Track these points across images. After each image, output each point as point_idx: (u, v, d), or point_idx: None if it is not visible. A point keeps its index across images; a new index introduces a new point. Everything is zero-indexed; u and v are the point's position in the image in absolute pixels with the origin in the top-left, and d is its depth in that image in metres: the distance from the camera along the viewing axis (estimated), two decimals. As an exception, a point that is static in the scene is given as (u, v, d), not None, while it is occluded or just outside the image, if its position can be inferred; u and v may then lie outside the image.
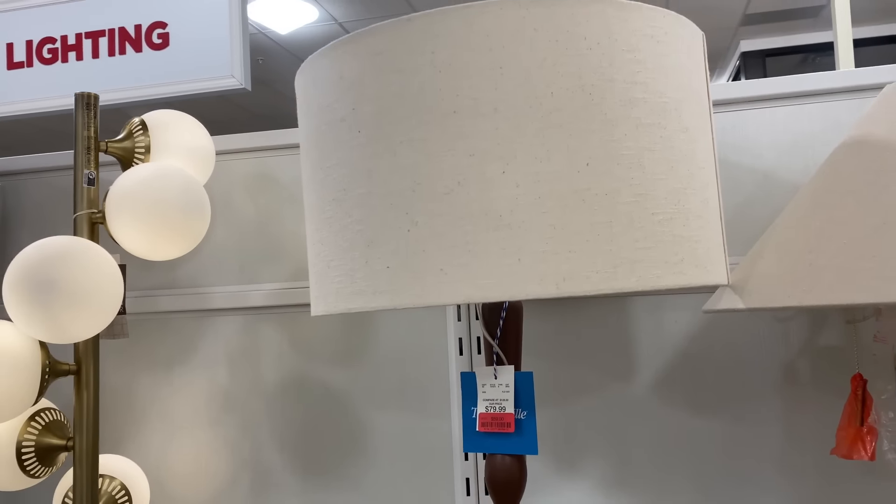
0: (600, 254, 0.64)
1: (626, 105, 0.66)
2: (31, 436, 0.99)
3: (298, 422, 1.19)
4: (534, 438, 0.81)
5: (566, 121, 0.64)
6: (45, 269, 0.85)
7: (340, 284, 0.71)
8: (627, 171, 0.65)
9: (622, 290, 0.64)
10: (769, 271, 0.73)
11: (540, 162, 0.64)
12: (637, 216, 0.65)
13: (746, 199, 1.05)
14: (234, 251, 1.23)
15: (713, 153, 0.76)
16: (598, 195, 0.64)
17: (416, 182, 0.65)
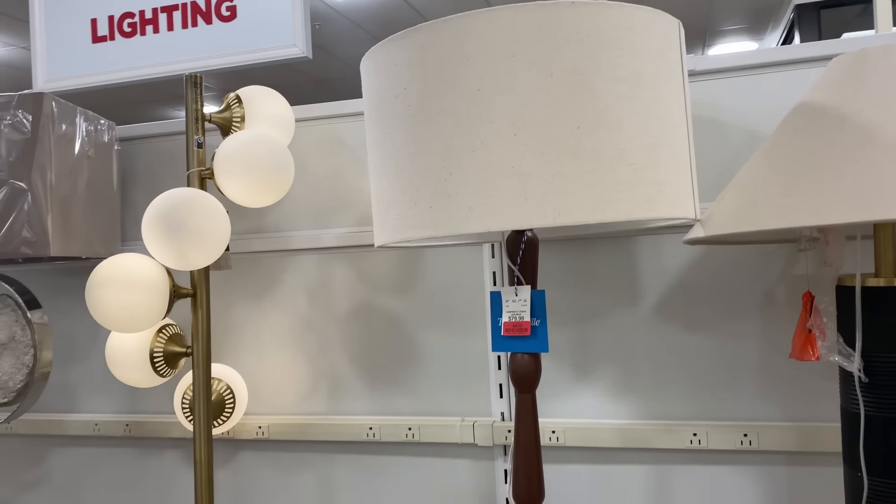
0: (587, 194, 0.86)
1: (609, 82, 0.88)
2: (159, 344, 1.28)
3: (364, 340, 1.45)
4: (545, 340, 1.05)
5: (563, 95, 0.86)
6: (174, 212, 1.12)
7: (396, 221, 0.96)
8: (609, 131, 0.87)
9: (604, 220, 0.86)
10: (726, 207, 0.94)
11: (542, 126, 0.86)
12: (616, 166, 0.87)
13: (733, 154, 1.25)
14: (310, 202, 1.49)
15: (685, 116, 0.97)
16: (586, 150, 0.86)
17: (450, 143, 0.89)
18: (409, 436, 1.38)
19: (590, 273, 1.32)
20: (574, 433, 1.29)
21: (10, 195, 1.24)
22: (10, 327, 1.36)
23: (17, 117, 1.25)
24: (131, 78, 1.77)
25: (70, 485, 1.64)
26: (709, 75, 1.26)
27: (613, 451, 1.30)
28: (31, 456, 1.67)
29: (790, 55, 1.21)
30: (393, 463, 1.43)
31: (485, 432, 1.33)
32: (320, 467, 1.47)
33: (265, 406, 1.50)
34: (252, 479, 1.51)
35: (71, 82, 1.81)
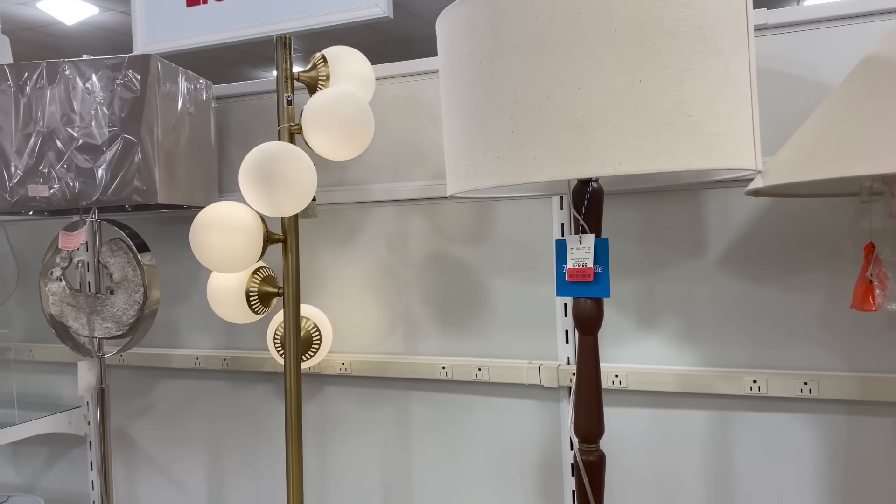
0: (647, 145, 0.91)
1: (671, 36, 0.92)
2: (254, 284, 1.41)
3: (438, 286, 1.55)
4: (607, 286, 1.11)
5: (625, 50, 0.91)
6: (267, 163, 1.23)
7: (467, 171, 1.04)
8: (670, 85, 0.91)
9: (662, 170, 0.91)
10: (785, 158, 0.97)
11: (605, 80, 0.91)
12: (676, 118, 0.92)
13: (804, 108, 1.25)
14: (389, 156, 1.58)
15: (749, 69, 0.99)
16: (648, 103, 0.91)
17: (517, 96, 0.95)
18: (478, 376, 1.47)
19: (656, 225, 1.37)
20: (635, 377, 1.35)
21: (123, 148, 1.38)
22: (123, 268, 1.52)
23: (128, 77, 1.38)
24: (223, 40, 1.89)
25: (173, 413, 1.83)
26: (779, 29, 1.26)
27: (673, 396, 1.36)
28: (140, 386, 1.86)
29: (863, 8, 1.20)
30: (463, 401, 1.53)
31: (550, 374, 1.41)
32: (397, 402, 1.59)
33: (347, 345, 1.63)
34: (335, 412, 1.65)
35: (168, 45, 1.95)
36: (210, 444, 1.79)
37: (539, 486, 1.47)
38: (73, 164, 1.40)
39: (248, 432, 1.74)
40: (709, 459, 1.34)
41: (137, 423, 1.87)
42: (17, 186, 1.42)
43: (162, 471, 1.85)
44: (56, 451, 2.01)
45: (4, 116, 1.42)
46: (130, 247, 1.51)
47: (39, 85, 1.41)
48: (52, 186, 1.41)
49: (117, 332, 1.54)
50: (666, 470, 1.37)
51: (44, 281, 1.58)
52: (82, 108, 1.39)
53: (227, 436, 1.77)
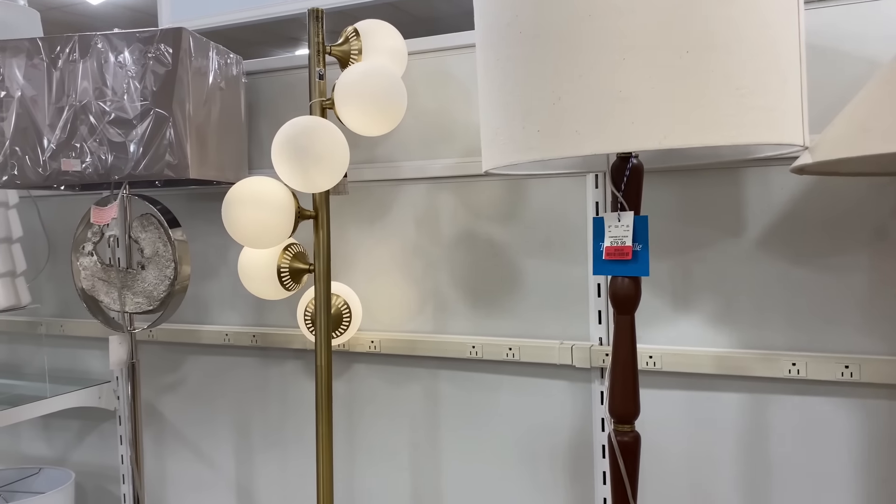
0: (693, 118, 0.88)
1: (720, 6, 0.89)
2: (285, 261, 1.41)
3: (469, 265, 1.53)
4: (646, 264, 1.08)
5: (671, 19, 0.88)
6: (300, 137, 1.22)
7: (504, 145, 1.02)
8: (718, 56, 0.89)
9: (709, 144, 0.89)
10: (834, 134, 0.94)
11: (651, 51, 0.89)
12: (724, 91, 0.89)
13: (852, 83, 1.21)
14: (419, 133, 1.56)
15: (798, 43, 0.96)
16: (694, 75, 0.88)
17: (559, 68, 0.93)
18: (509, 355, 1.46)
19: (694, 204, 1.34)
20: (670, 359, 1.33)
21: (155, 122, 1.38)
22: (154, 243, 1.52)
23: (160, 50, 1.37)
24: (249, 18, 1.88)
25: (202, 388, 1.84)
26: (828, 2, 1.22)
27: (709, 378, 1.34)
28: (169, 361, 1.87)
29: (919, -22, 1.16)
30: (492, 380, 1.52)
31: (583, 355, 1.39)
32: (426, 381, 1.58)
33: (376, 323, 1.62)
34: (364, 389, 1.64)
35: (193, 23, 1.94)
36: (238, 420, 1.80)
37: (569, 468, 1.46)
38: (106, 139, 1.39)
39: (277, 409, 1.75)
40: (743, 443, 1.32)
41: (166, 398, 1.89)
42: (49, 160, 1.42)
43: (190, 446, 1.87)
44: (86, 425, 2.03)
45: (37, 90, 1.42)
46: (161, 222, 1.51)
47: (72, 58, 1.41)
48: (85, 160, 1.41)
49: (148, 306, 1.54)
50: (699, 453, 1.35)
51: (75, 255, 1.58)
52: (114, 82, 1.39)
53: (256, 412, 1.78)
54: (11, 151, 1.43)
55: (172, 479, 1.90)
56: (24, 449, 2.14)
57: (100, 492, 2.02)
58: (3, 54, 1.43)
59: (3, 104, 1.43)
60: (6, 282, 1.80)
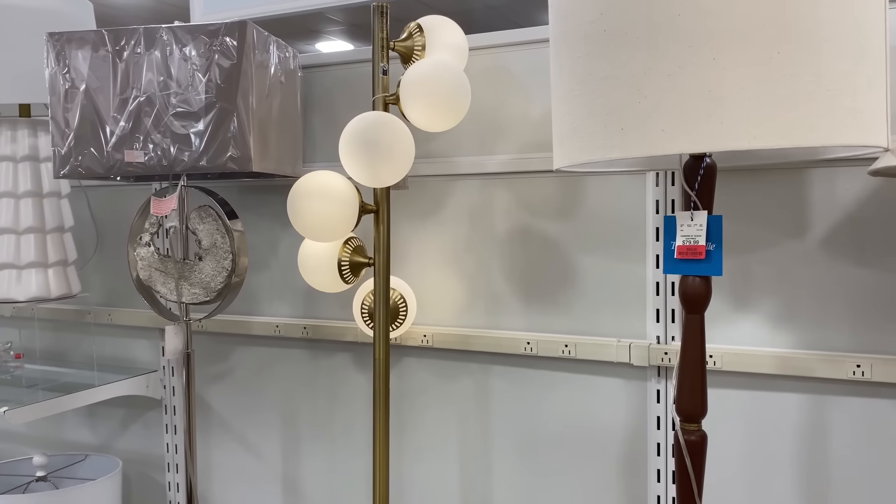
0: (783, 119, 0.88)
1: (811, 6, 0.88)
2: (346, 254, 1.42)
3: (522, 261, 1.54)
4: (719, 264, 1.09)
5: (763, 21, 0.88)
6: (369, 132, 1.23)
7: (584, 143, 1.02)
8: (809, 57, 0.88)
9: (798, 145, 0.89)
10: (923, 137, 0.94)
11: (741, 51, 0.89)
12: (814, 91, 0.89)
13: (924, 83, 1.21)
14: (475, 129, 1.56)
15: (884, 43, 0.96)
16: (785, 75, 0.88)
17: (646, 67, 0.93)
18: (564, 352, 1.46)
19: (756, 204, 1.33)
20: (731, 358, 1.33)
21: (219, 115, 1.39)
22: (212, 235, 1.53)
23: (225, 43, 1.38)
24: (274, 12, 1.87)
25: (250, 379, 1.85)
26: (903, 2, 1.21)
27: (770, 378, 1.33)
28: (218, 352, 1.89)
29: None
30: (546, 377, 1.52)
31: (641, 353, 1.40)
32: (477, 376, 1.59)
33: (427, 317, 1.63)
34: (414, 383, 1.65)
35: (225, 14, 1.92)
36: (286, 412, 1.82)
37: (621, 465, 1.46)
38: (170, 130, 1.41)
39: (325, 401, 1.76)
40: (803, 445, 1.32)
41: (214, 388, 1.91)
42: (113, 151, 1.43)
43: (236, 436, 1.89)
44: (131, 413, 2.05)
45: (102, 82, 1.44)
46: (220, 214, 1.53)
47: (137, 50, 1.42)
48: (148, 152, 1.42)
49: (205, 297, 1.56)
50: (757, 453, 1.35)
51: (132, 246, 1.60)
52: (179, 75, 1.40)
53: (304, 404, 1.79)
54: (76, 142, 1.45)
55: (218, 468, 1.92)
56: (68, 435, 2.17)
57: (144, 479, 2.05)
58: (69, 46, 1.45)
59: (69, 95, 1.45)
60: (58, 270, 1.83)
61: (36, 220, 1.78)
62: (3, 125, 1.77)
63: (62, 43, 1.45)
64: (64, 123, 1.45)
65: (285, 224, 1.77)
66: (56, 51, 1.45)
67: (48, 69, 1.46)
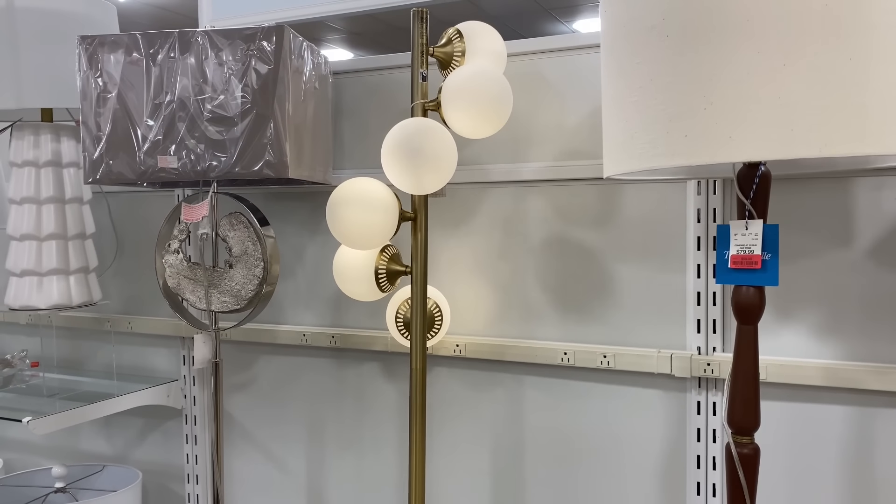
0: (855, 127, 0.87)
1: (885, 13, 0.87)
2: (382, 262, 1.40)
3: (558, 270, 1.52)
4: (776, 274, 1.07)
5: (835, 26, 0.87)
6: (414, 139, 1.21)
7: (643, 150, 1.00)
8: (882, 64, 0.87)
9: (869, 153, 0.87)
10: None
11: (813, 57, 0.87)
12: (887, 99, 0.87)
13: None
14: (509, 136, 1.54)
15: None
16: (857, 82, 0.87)
17: (712, 73, 0.91)
18: (603, 363, 1.44)
19: (801, 212, 1.32)
20: (777, 370, 1.31)
21: (256, 121, 1.37)
22: (243, 242, 1.51)
23: (262, 48, 1.36)
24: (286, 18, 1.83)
25: (274, 389, 1.82)
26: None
27: (815, 390, 1.31)
28: (241, 361, 1.86)
29: None
30: (582, 387, 1.50)
31: (682, 364, 1.37)
32: (510, 387, 1.56)
33: (460, 327, 1.60)
34: (445, 393, 1.63)
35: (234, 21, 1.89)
36: (311, 422, 1.79)
37: (659, 478, 1.44)
38: (205, 136, 1.38)
39: (352, 411, 1.73)
40: (848, 458, 1.30)
41: (236, 397, 1.88)
42: (146, 157, 1.41)
43: (260, 447, 1.86)
44: (149, 423, 2.02)
45: (135, 86, 1.41)
46: (251, 221, 1.50)
47: (171, 55, 1.40)
48: (182, 158, 1.40)
49: (235, 306, 1.53)
50: (801, 466, 1.33)
51: (160, 253, 1.57)
52: (214, 79, 1.38)
53: (330, 414, 1.76)
54: (108, 147, 1.42)
55: (240, 480, 1.89)
56: (83, 446, 2.13)
57: (163, 490, 2.01)
58: (101, 49, 1.42)
59: (101, 99, 1.42)
60: (79, 278, 1.80)
61: (58, 227, 1.75)
62: (25, 130, 1.75)
63: (94, 46, 1.43)
64: (95, 128, 1.43)
65: (312, 231, 1.75)
66: (88, 54, 1.43)
67: (79, 73, 1.44)
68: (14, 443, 2.27)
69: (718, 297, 1.38)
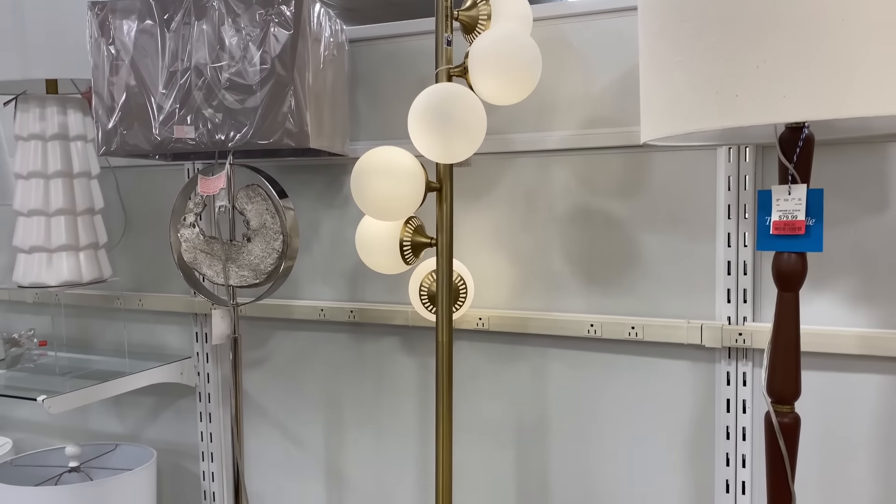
0: (913, 84, 0.84)
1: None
2: (407, 234, 1.36)
3: (583, 241, 1.49)
4: (820, 240, 1.04)
5: (894, -21, 0.83)
6: (444, 105, 1.17)
7: (690, 111, 0.97)
8: (942, 19, 0.84)
9: (929, 112, 0.84)
10: None
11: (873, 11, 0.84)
12: (946, 55, 0.84)
13: None
14: (532, 104, 1.51)
15: None
16: (916, 38, 0.84)
17: (766, 30, 0.88)
18: (631, 334, 1.42)
19: (836, 178, 1.29)
20: (810, 338, 1.29)
21: (275, 89, 1.32)
22: (261, 215, 1.47)
23: (282, 13, 1.31)
24: None
25: (290, 364, 1.80)
26: None
27: (848, 359, 1.30)
28: (256, 337, 1.83)
29: None
30: (607, 360, 1.48)
31: (713, 334, 1.35)
32: (534, 360, 1.54)
33: (481, 300, 1.58)
34: (467, 367, 1.60)
35: None
36: (329, 398, 1.76)
37: (687, 450, 1.43)
38: (222, 105, 1.34)
39: (371, 386, 1.71)
40: (883, 428, 1.28)
41: (252, 374, 1.85)
42: (161, 127, 1.37)
43: (276, 424, 1.83)
44: (161, 401, 1.99)
45: (149, 54, 1.37)
46: (269, 193, 1.46)
47: (186, 21, 1.35)
48: (199, 128, 1.35)
49: (254, 280, 1.50)
50: (833, 436, 1.32)
51: (174, 227, 1.54)
52: (232, 46, 1.33)
53: (349, 389, 1.74)
54: (122, 118, 1.38)
55: (256, 457, 1.87)
56: (94, 426, 2.10)
57: (177, 469, 1.99)
58: (113, 16, 1.38)
59: (113, 68, 1.38)
60: (89, 254, 1.76)
61: (66, 202, 1.71)
62: (30, 102, 1.70)
63: (105, 13, 1.38)
64: (109, 98, 1.38)
65: (328, 205, 1.71)
66: (99, 21, 1.38)
67: (90, 40, 1.39)
68: (23, 423, 2.24)
69: (749, 265, 1.35)
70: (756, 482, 1.37)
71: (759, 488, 1.37)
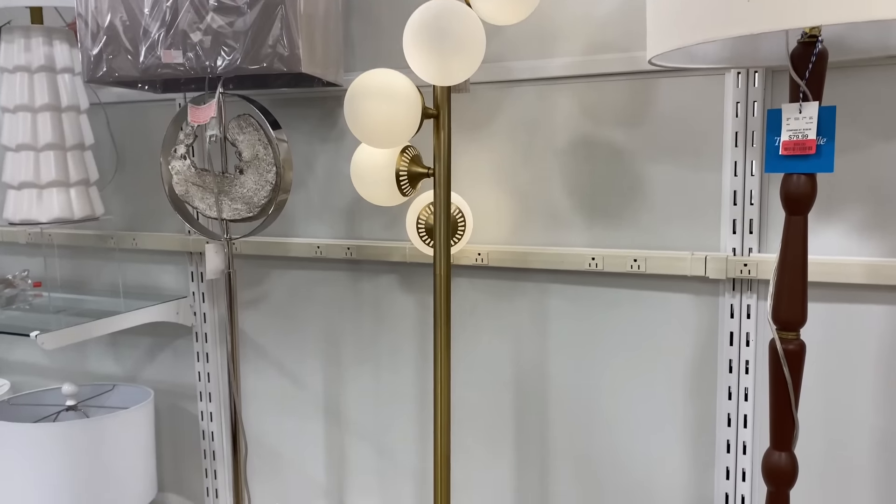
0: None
1: None
2: (403, 164, 1.32)
3: (585, 173, 1.45)
4: (831, 160, 1.00)
5: None
6: (440, 20, 1.12)
7: (699, 20, 0.92)
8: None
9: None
10: None
11: None
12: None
13: None
14: (532, 29, 1.45)
15: None
16: (943, -66, 0.78)
17: (782, -72, 0.82)
18: (633, 267, 1.39)
19: (846, 103, 1.25)
20: (818, 268, 1.26)
21: (265, 11, 1.27)
22: (253, 146, 1.43)
23: (270, -70, 1.25)
24: None
25: (287, 303, 1.78)
26: None
27: (855, 289, 1.27)
28: (251, 276, 1.81)
29: None
30: (609, 294, 1.45)
31: (718, 266, 1.32)
32: (534, 296, 1.52)
33: (480, 235, 1.54)
34: (466, 303, 1.58)
35: None
36: (327, 336, 1.74)
37: (689, 383, 1.41)
38: (211, 28, 1.29)
39: (369, 324, 1.69)
40: (890, 358, 1.26)
41: (248, 313, 1.83)
42: (148, 52, 1.32)
43: (274, 362, 1.82)
44: (157, 341, 1.98)
45: (132, -26, 1.31)
46: (262, 123, 1.42)
47: (171, -62, 1.29)
48: (187, 52, 1.30)
49: (248, 213, 1.46)
50: (837, 367, 1.30)
51: (165, 158, 1.50)
52: (219, -35, 1.27)
53: (346, 327, 1.72)
54: (107, 43, 1.33)
55: (254, 396, 1.86)
56: (91, 367, 2.09)
57: (174, 409, 1.99)
58: (94, -67, 1.31)
59: (96, -11, 1.32)
60: (80, 191, 1.72)
61: (55, 136, 1.66)
62: (14, 33, 1.64)
63: (86, -69, 1.31)
64: (93, 23, 1.33)
65: (323, 139, 1.67)
66: (79, -61, 1.31)
67: (71, -39, 1.33)
68: (20, 365, 2.23)
69: (756, 195, 1.31)
70: (758, 416, 1.36)
71: (761, 421, 1.36)
